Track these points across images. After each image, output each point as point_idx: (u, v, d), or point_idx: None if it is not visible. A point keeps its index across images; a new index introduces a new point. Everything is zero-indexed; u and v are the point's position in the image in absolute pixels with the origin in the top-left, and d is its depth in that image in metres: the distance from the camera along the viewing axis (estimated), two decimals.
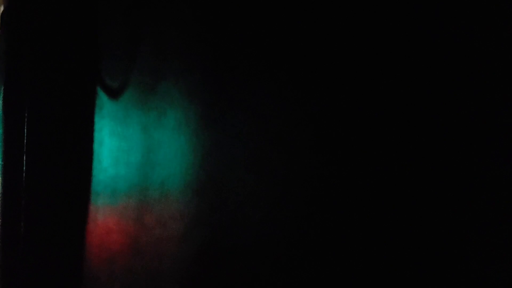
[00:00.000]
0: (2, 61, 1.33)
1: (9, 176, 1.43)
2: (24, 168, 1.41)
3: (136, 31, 0.91)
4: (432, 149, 0.26)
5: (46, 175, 1.38)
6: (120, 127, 1.01)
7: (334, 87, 0.32)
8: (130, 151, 0.92)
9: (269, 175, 0.37)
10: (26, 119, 1.36)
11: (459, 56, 0.26)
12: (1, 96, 1.34)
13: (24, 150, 1.39)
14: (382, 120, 0.29)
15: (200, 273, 0.52)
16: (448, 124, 0.26)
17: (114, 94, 1.06)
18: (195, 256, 0.53)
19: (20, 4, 1.32)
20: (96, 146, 1.24)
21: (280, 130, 0.37)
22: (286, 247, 0.34)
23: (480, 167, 0.24)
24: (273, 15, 0.42)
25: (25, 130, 1.38)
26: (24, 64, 1.32)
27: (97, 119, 1.22)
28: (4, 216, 1.44)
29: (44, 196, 1.39)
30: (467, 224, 0.24)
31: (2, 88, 1.35)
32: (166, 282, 0.66)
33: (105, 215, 1.12)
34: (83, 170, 1.33)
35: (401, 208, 0.27)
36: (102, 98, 1.16)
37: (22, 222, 1.42)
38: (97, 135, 1.23)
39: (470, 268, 0.23)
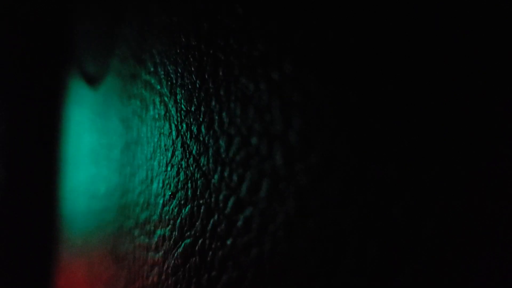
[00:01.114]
0: None
1: None
2: None
3: (117, 11, 0.82)
4: (437, 149, 0.23)
5: (20, 175, 1.28)
6: (100, 119, 0.92)
7: (352, 83, 0.28)
8: (110, 147, 0.84)
9: (271, 174, 0.33)
10: None
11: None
12: None
13: None
14: (386, 118, 0.25)
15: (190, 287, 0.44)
16: (448, 122, 0.23)
17: (93, 82, 0.97)
18: (185, 267, 0.46)
19: None
20: (76, 141, 1.15)
21: (284, 127, 0.32)
22: (290, 253, 0.30)
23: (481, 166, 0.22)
24: None
25: None
26: None
27: (77, 112, 1.13)
28: None
29: (17, 198, 1.30)
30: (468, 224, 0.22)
31: None
32: None
33: (85, 220, 1.04)
34: (60, 169, 1.24)
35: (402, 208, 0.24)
36: (82, 88, 1.07)
37: None
38: (77, 129, 1.14)
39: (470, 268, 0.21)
